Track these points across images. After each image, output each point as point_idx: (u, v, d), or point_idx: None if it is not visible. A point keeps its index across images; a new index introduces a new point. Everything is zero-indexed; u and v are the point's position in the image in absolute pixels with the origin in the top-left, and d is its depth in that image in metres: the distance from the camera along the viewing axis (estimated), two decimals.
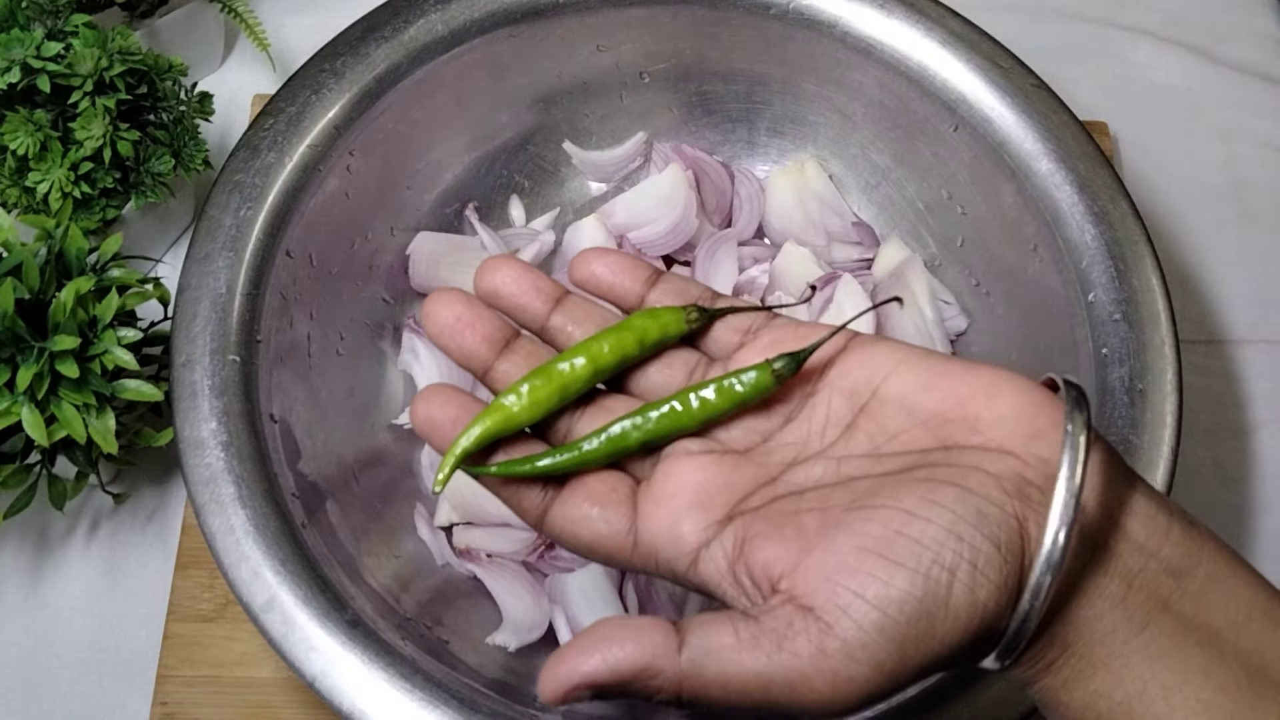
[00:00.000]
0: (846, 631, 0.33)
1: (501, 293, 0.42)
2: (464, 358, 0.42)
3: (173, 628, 0.66)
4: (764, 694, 0.34)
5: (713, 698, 0.34)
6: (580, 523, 0.39)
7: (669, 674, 0.34)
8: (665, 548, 0.38)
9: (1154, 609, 0.35)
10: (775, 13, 0.69)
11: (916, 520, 0.34)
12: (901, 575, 0.33)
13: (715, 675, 0.34)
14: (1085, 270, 0.62)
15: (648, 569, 0.38)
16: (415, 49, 0.67)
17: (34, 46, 0.64)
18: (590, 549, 0.39)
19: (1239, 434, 0.76)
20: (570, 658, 0.34)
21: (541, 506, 0.40)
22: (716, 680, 0.34)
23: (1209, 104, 0.87)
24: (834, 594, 0.33)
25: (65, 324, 0.59)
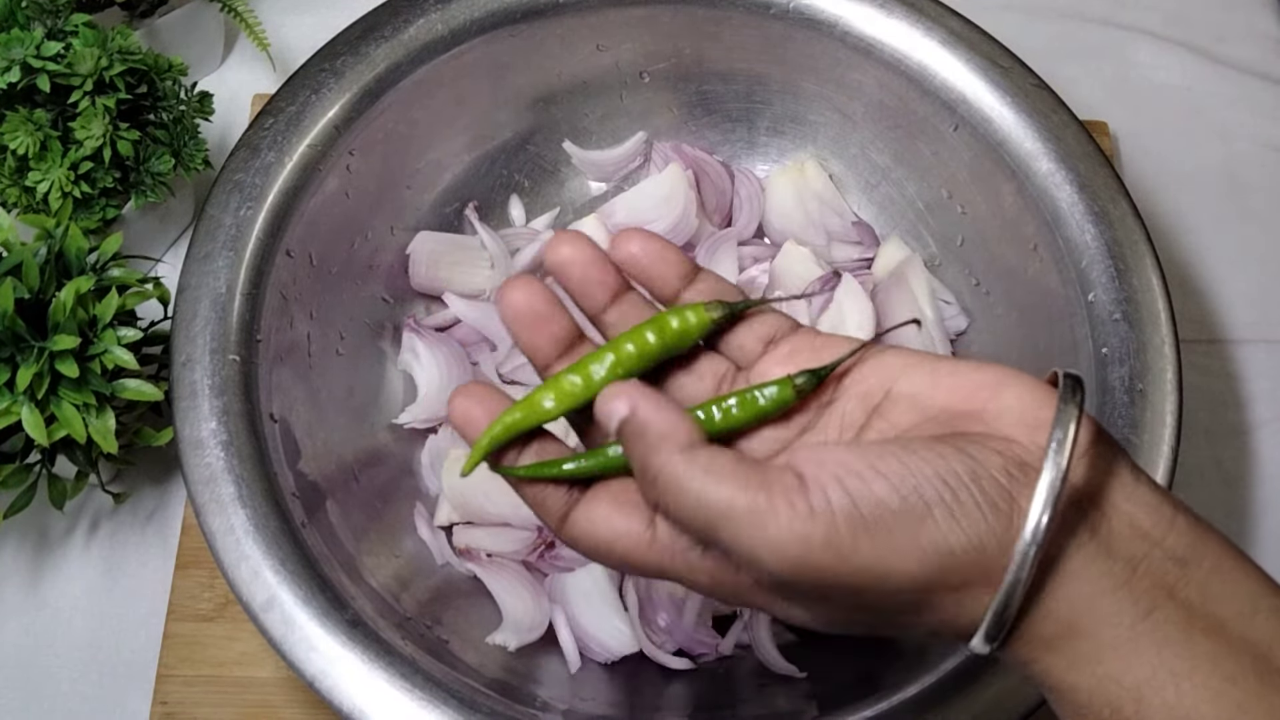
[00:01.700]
0: (817, 501, 0.35)
1: (571, 273, 0.43)
2: (529, 349, 0.43)
3: (173, 627, 0.66)
4: (723, 517, 0.35)
5: (682, 504, 0.36)
6: (601, 522, 0.40)
7: (671, 449, 0.36)
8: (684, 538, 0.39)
9: (1160, 595, 0.35)
10: (775, 12, 0.69)
11: (914, 456, 0.36)
12: (882, 484, 0.35)
13: (700, 477, 0.36)
14: (1085, 270, 0.62)
15: (662, 562, 0.39)
16: (415, 49, 0.67)
17: (34, 46, 0.64)
18: (609, 547, 0.39)
19: (1239, 434, 0.76)
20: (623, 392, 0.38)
21: (564, 509, 0.40)
22: (697, 482, 0.36)
23: (1209, 104, 0.87)
24: (821, 473, 0.36)
25: (65, 324, 0.59)
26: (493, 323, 0.70)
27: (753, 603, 0.39)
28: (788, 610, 0.39)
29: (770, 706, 0.61)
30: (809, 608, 0.39)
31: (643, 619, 0.63)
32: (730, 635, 0.64)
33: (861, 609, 0.38)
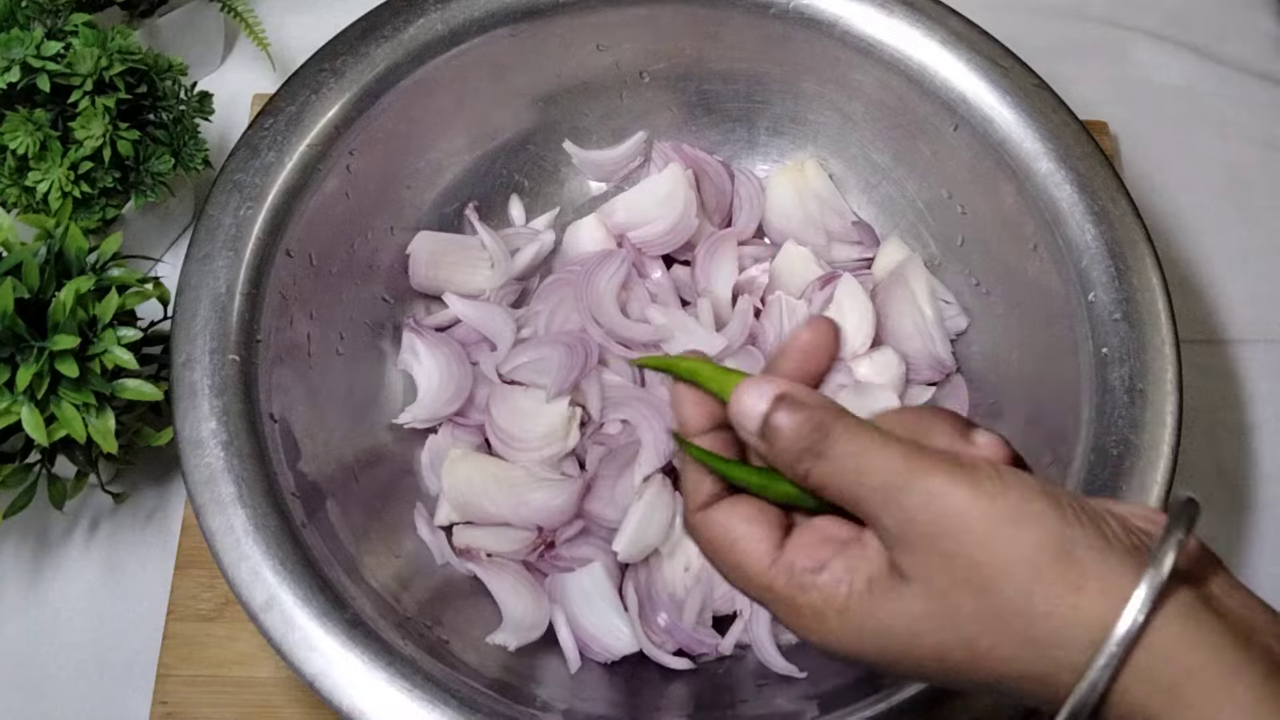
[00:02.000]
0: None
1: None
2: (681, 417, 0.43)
3: (173, 627, 0.66)
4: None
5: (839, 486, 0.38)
6: (739, 522, 0.40)
7: (821, 439, 0.38)
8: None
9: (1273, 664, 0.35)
10: (775, 12, 0.69)
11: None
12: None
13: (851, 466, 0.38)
14: (1085, 270, 0.62)
15: (773, 582, 0.39)
16: (415, 48, 0.67)
17: (34, 46, 0.64)
18: (731, 545, 0.40)
19: (1239, 434, 0.76)
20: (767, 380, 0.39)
21: (710, 499, 0.41)
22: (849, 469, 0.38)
23: (1209, 104, 0.87)
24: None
25: (65, 323, 0.59)
26: (493, 322, 0.70)
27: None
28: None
29: (770, 706, 0.61)
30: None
31: (643, 619, 0.63)
32: (730, 635, 0.64)
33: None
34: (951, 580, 0.37)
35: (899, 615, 0.38)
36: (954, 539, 0.36)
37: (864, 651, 0.39)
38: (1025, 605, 0.36)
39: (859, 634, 0.38)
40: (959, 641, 0.37)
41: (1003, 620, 0.36)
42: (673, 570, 0.65)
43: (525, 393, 0.68)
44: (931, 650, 0.37)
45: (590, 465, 0.66)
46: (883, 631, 0.38)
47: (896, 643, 0.38)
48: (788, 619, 0.40)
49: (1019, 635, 0.36)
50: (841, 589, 0.38)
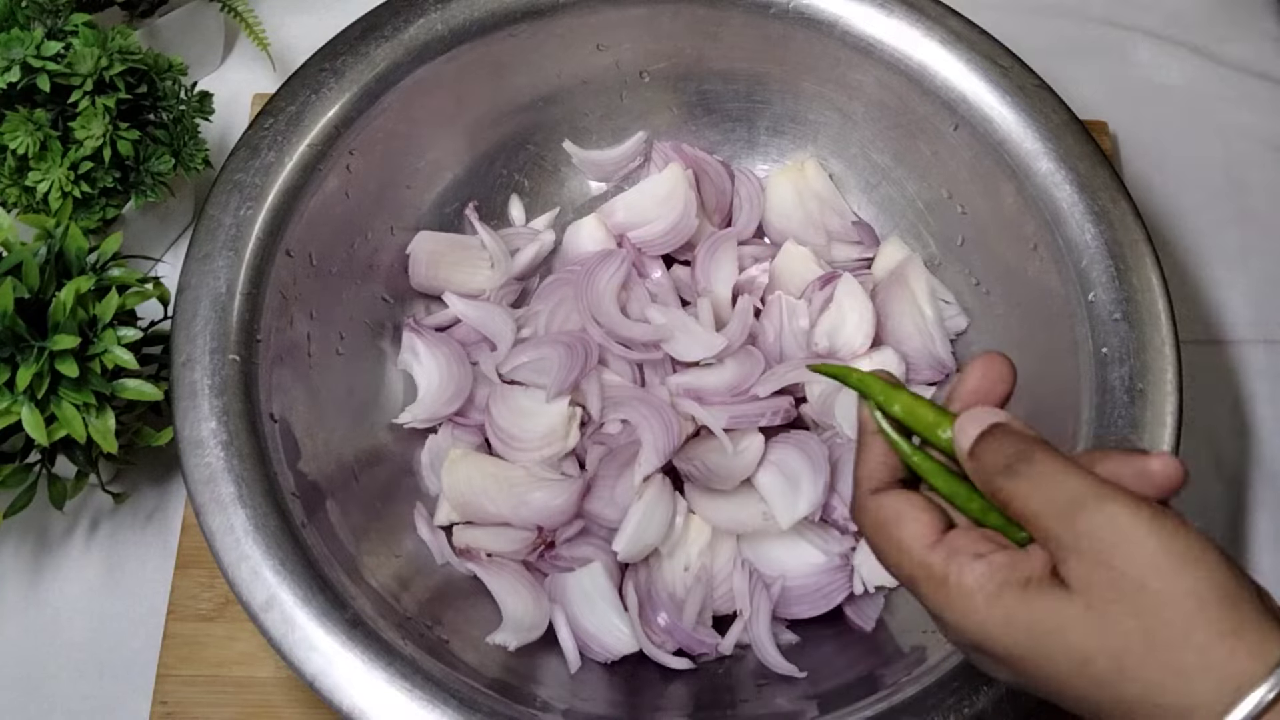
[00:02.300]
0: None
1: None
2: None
3: (173, 627, 0.66)
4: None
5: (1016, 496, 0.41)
6: (906, 504, 0.43)
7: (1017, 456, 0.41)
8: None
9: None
10: (775, 12, 0.69)
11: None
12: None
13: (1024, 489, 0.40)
14: (1085, 270, 0.62)
15: (931, 562, 0.41)
16: (415, 48, 0.67)
17: (34, 46, 0.64)
18: (898, 521, 0.43)
19: (1239, 434, 0.76)
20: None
21: (883, 484, 0.44)
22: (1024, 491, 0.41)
23: (1209, 104, 0.87)
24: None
25: (65, 323, 0.59)
26: (493, 322, 0.70)
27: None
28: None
29: (770, 706, 0.61)
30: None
31: (643, 619, 0.63)
32: (730, 635, 0.64)
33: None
34: (1117, 595, 0.38)
35: (1053, 613, 0.39)
36: (1129, 559, 0.38)
37: (999, 641, 0.40)
38: (1183, 636, 0.37)
39: (1004, 621, 0.40)
40: (1107, 654, 0.38)
41: (1157, 644, 0.37)
42: (673, 570, 0.65)
43: (525, 393, 0.68)
44: (1076, 654, 0.38)
45: (590, 465, 0.66)
46: (1031, 625, 0.39)
47: (1040, 639, 0.39)
48: (934, 596, 0.41)
49: (1168, 663, 0.37)
50: (999, 576, 0.40)
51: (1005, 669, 0.41)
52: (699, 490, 0.65)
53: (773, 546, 0.65)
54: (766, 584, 0.64)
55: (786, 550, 0.65)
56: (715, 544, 0.65)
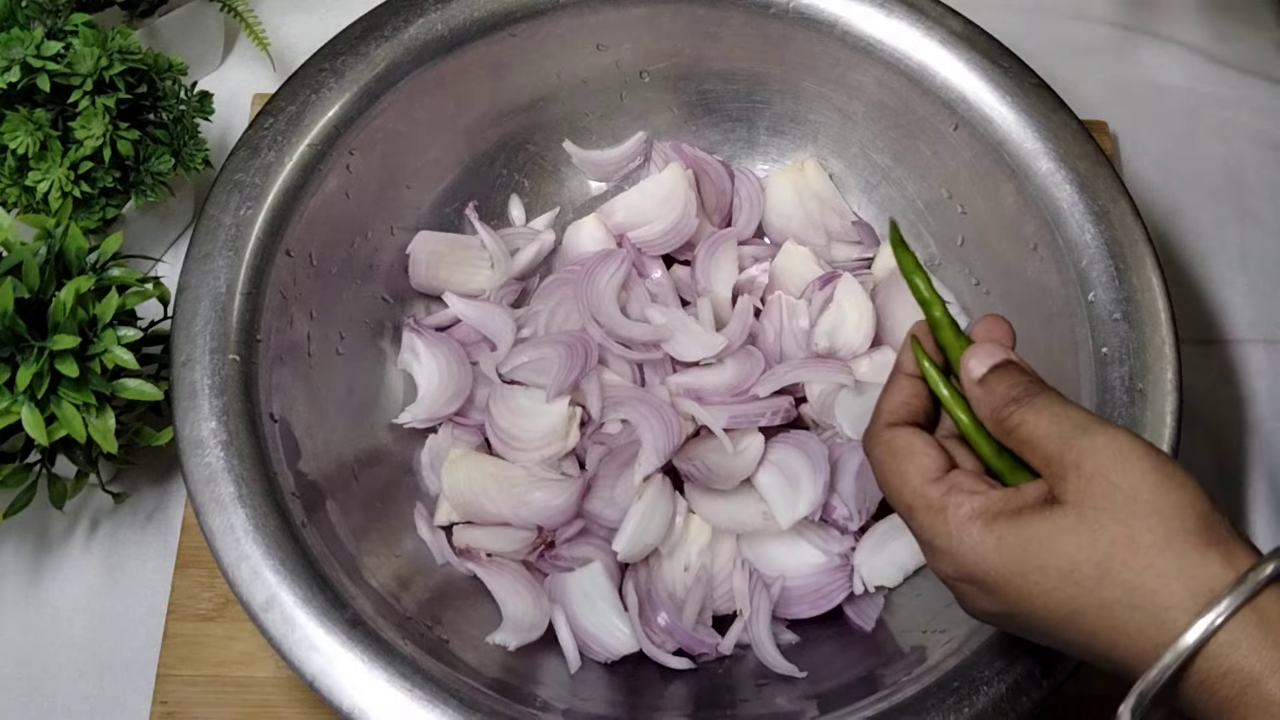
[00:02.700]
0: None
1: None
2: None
3: (173, 627, 0.66)
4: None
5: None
6: (919, 444, 0.46)
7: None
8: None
9: None
10: (775, 12, 0.69)
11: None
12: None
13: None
14: (1085, 270, 0.62)
15: (930, 494, 0.45)
16: (415, 48, 0.67)
17: (34, 46, 0.64)
18: (908, 451, 0.46)
19: (1239, 434, 0.76)
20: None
21: (900, 420, 0.48)
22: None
23: (1209, 104, 0.87)
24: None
25: (65, 323, 0.59)
26: (493, 322, 0.70)
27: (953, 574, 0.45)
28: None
29: (770, 706, 0.61)
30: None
31: (643, 619, 0.63)
32: (730, 635, 0.64)
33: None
34: (1108, 504, 0.41)
35: (1045, 527, 0.42)
36: (1124, 473, 0.42)
37: (990, 563, 0.43)
38: (1164, 542, 0.40)
39: (998, 543, 0.43)
40: (1093, 559, 0.41)
41: (1139, 549, 0.41)
42: (673, 570, 0.65)
43: (525, 392, 0.68)
44: (1065, 560, 0.41)
45: (590, 465, 0.66)
46: (1024, 541, 0.42)
47: (1031, 552, 0.42)
48: (930, 524, 0.44)
49: (1149, 566, 0.40)
50: (995, 507, 0.43)
51: (993, 596, 0.43)
52: (699, 490, 0.65)
53: (773, 546, 0.65)
54: (766, 584, 0.64)
55: (786, 550, 0.65)
56: (715, 544, 0.65)
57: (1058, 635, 0.43)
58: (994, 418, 0.46)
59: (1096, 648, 0.42)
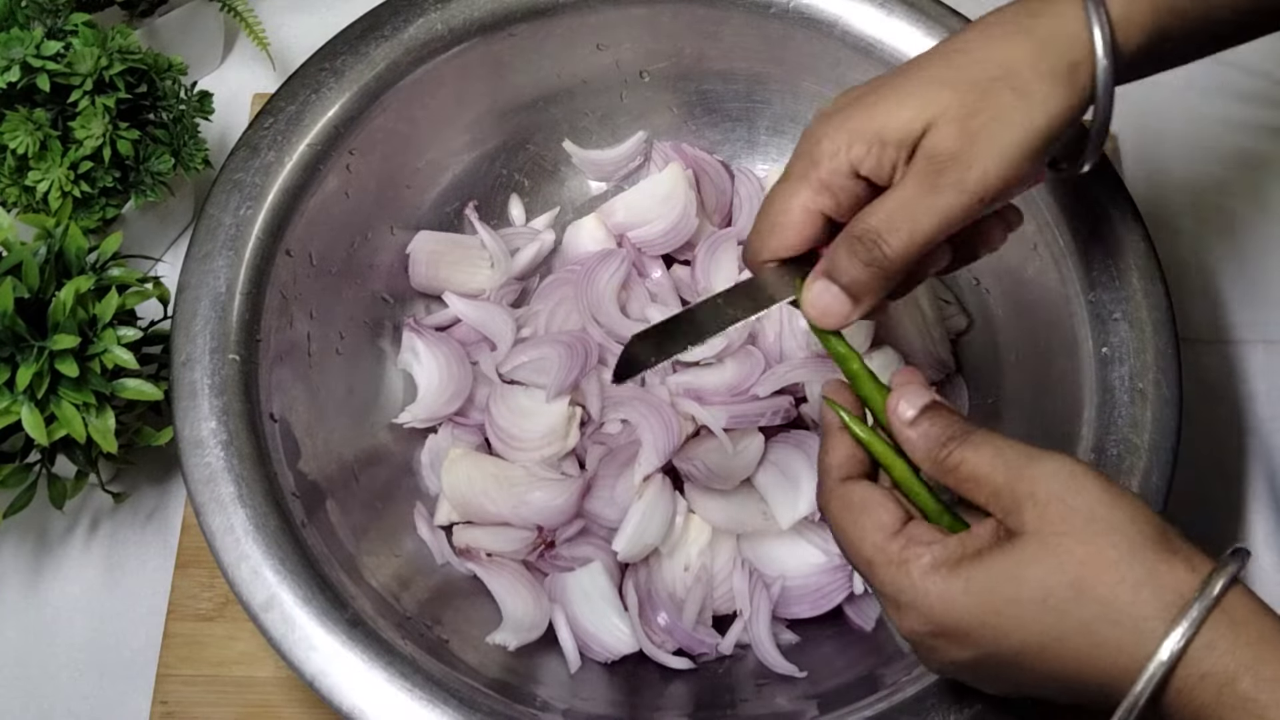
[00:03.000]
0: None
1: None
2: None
3: (173, 627, 0.66)
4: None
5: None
6: (872, 494, 0.46)
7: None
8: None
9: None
10: (775, 11, 0.69)
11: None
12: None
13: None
14: (1085, 269, 0.62)
15: (889, 552, 0.44)
16: (415, 48, 0.67)
17: (34, 45, 0.64)
18: (862, 509, 0.46)
19: (1239, 433, 0.76)
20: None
21: (852, 474, 0.47)
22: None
23: (1209, 104, 0.87)
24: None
25: (65, 323, 0.59)
26: (492, 322, 0.70)
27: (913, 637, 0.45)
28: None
29: (770, 706, 0.61)
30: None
31: (642, 619, 0.63)
32: (730, 635, 0.64)
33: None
34: (1068, 527, 0.42)
35: (1009, 563, 0.42)
36: (1079, 495, 0.42)
37: (961, 608, 0.42)
38: (1130, 555, 0.41)
39: (966, 586, 0.42)
40: (1065, 580, 0.41)
41: (1106, 565, 0.41)
42: (673, 570, 0.65)
43: (525, 392, 0.68)
44: (1037, 590, 0.41)
45: (590, 465, 0.66)
46: (991, 581, 0.42)
47: (1002, 589, 0.42)
48: (893, 580, 0.44)
49: (1120, 579, 0.41)
50: (954, 554, 0.43)
51: (966, 643, 0.43)
52: (699, 490, 0.65)
53: (773, 546, 0.65)
54: (766, 584, 0.64)
55: (786, 550, 0.65)
56: (715, 544, 0.65)
57: (1035, 669, 0.42)
58: (932, 459, 0.45)
59: (1075, 674, 0.42)
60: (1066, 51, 0.47)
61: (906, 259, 0.47)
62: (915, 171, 0.47)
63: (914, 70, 0.49)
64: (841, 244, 0.47)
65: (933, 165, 0.46)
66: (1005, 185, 0.47)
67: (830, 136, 0.48)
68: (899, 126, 0.47)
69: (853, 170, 0.48)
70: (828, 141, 0.48)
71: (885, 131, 0.47)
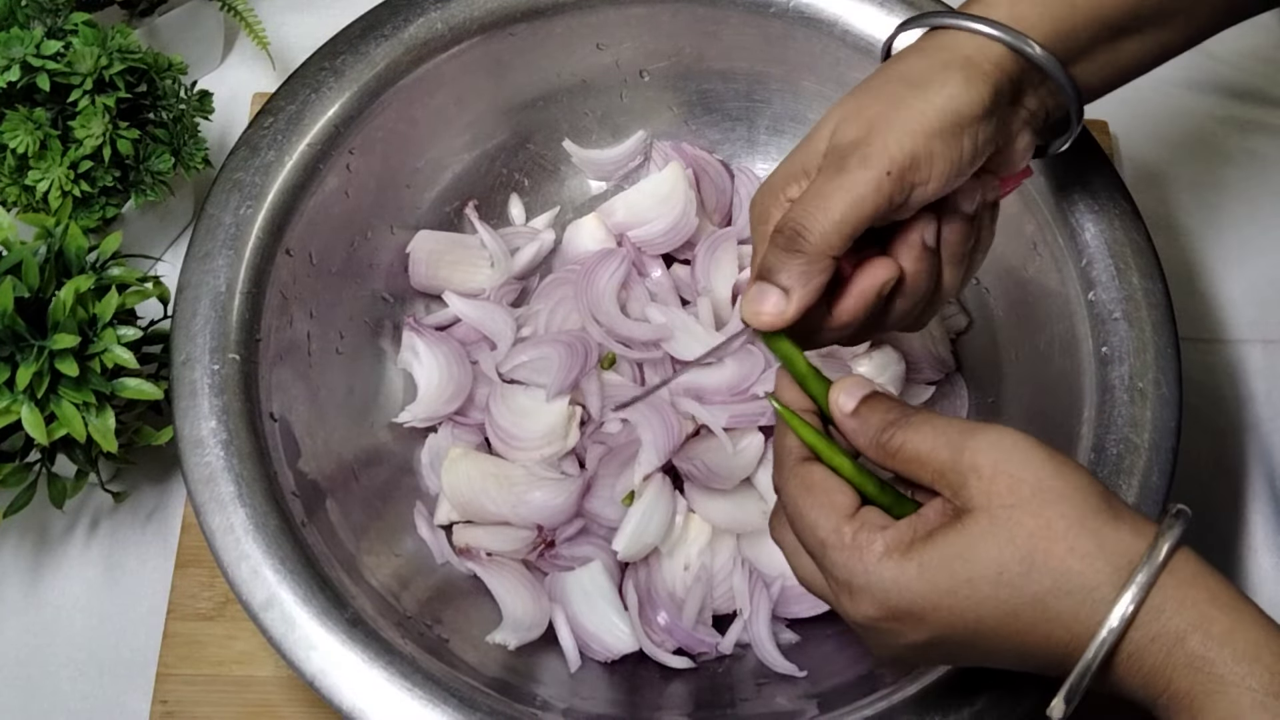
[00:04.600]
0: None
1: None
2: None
3: (173, 626, 0.66)
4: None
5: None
6: (822, 480, 0.46)
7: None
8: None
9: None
10: (775, 11, 0.69)
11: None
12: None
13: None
14: (1085, 269, 0.62)
15: (842, 537, 0.45)
16: (415, 47, 0.67)
17: (34, 45, 0.64)
18: (811, 500, 0.46)
19: (1239, 433, 0.76)
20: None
21: (811, 455, 0.47)
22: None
23: (1209, 103, 0.87)
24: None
25: (65, 322, 0.59)
26: (492, 321, 0.70)
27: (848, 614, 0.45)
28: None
29: (770, 705, 0.61)
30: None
31: (642, 618, 0.63)
32: (730, 634, 0.64)
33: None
34: (1016, 499, 0.42)
35: (961, 540, 0.42)
36: (1024, 465, 0.42)
37: (916, 591, 0.42)
38: (1079, 524, 0.41)
39: (919, 570, 0.42)
40: (1016, 556, 0.41)
41: (1057, 535, 0.41)
42: (672, 569, 0.65)
43: (525, 392, 0.68)
44: (990, 566, 0.42)
45: (590, 464, 0.66)
46: (944, 559, 0.42)
47: (955, 568, 0.42)
48: (846, 563, 0.44)
49: (1070, 549, 0.41)
50: (905, 537, 0.43)
51: (921, 625, 0.43)
52: (699, 489, 0.65)
53: (773, 546, 0.65)
54: (766, 583, 0.64)
55: None
56: (715, 543, 0.65)
57: (990, 644, 0.43)
58: (874, 444, 0.46)
59: (1030, 645, 0.42)
60: (959, 50, 0.49)
61: (827, 241, 0.47)
62: (824, 165, 0.49)
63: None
64: (768, 244, 0.48)
65: (837, 153, 0.48)
66: (913, 160, 0.47)
67: (761, 201, 0.51)
68: (815, 150, 0.49)
69: (787, 200, 0.50)
70: (769, 183, 0.51)
71: (807, 162, 0.49)
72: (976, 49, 0.49)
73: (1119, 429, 0.58)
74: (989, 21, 0.49)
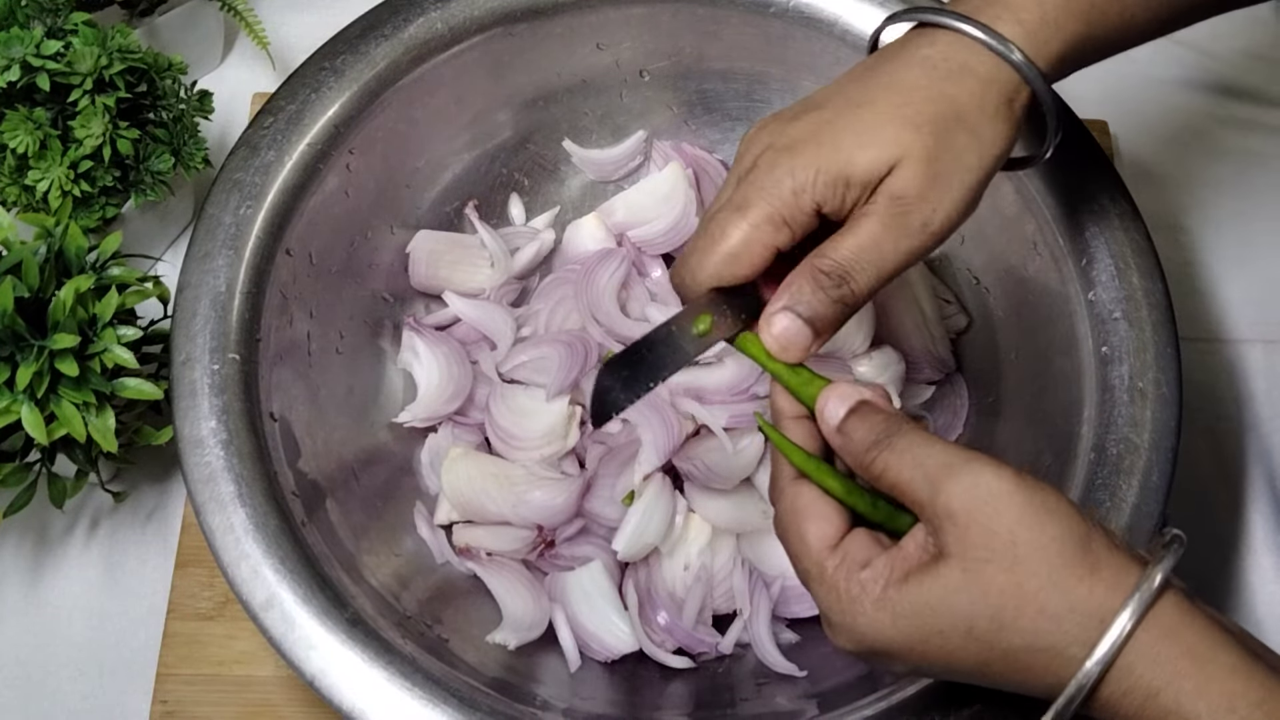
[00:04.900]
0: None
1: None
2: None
3: (173, 626, 0.66)
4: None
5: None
6: (814, 501, 0.46)
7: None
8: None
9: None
10: (775, 11, 0.69)
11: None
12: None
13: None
14: (1085, 269, 0.62)
15: (829, 563, 0.45)
16: (415, 47, 0.67)
17: (34, 45, 0.64)
18: (805, 516, 0.45)
19: (1239, 433, 0.76)
20: None
21: (795, 477, 0.47)
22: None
23: (1209, 102, 0.87)
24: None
25: (65, 322, 0.59)
26: (492, 321, 0.70)
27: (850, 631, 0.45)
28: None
29: (770, 705, 0.61)
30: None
31: (642, 618, 0.63)
32: (730, 634, 0.64)
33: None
34: (989, 554, 0.41)
35: (934, 589, 0.42)
36: (997, 517, 0.41)
37: (890, 638, 0.43)
38: (1049, 583, 0.41)
39: (892, 617, 0.42)
40: (986, 614, 0.41)
41: (1027, 595, 0.41)
42: (672, 569, 0.65)
43: (525, 391, 0.68)
44: (962, 620, 0.41)
45: (590, 464, 0.66)
46: (917, 609, 0.42)
47: (927, 619, 0.42)
48: (824, 598, 0.44)
49: (1040, 609, 0.41)
50: (881, 579, 0.43)
51: (897, 662, 0.44)
52: (699, 489, 0.65)
53: (773, 545, 0.65)
54: (766, 583, 0.64)
55: None
56: (715, 543, 0.65)
57: (970, 680, 0.44)
58: (859, 465, 0.45)
59: (1010, 685, 0.43)
60: (1004, 88, 0.49)
61: (870, 296, 0.47)
62: (881, 211, 0.47)
63: (865, 105, 0.48)
64: (806, 278, 0.47)
65: (900, 206, 0.47)
66: (959, 224, 0.48)
67: (794, 175, 0.47)
68: (865, 168, 0.47)
69: (816, 209, 0.48)
70: (791, 180, 0.47)
71: (851, 172, 0.47)
72: (1015, 86, 0.49)
73: (1119, 429, 0.58)
74: (979, 24, 0.48)
